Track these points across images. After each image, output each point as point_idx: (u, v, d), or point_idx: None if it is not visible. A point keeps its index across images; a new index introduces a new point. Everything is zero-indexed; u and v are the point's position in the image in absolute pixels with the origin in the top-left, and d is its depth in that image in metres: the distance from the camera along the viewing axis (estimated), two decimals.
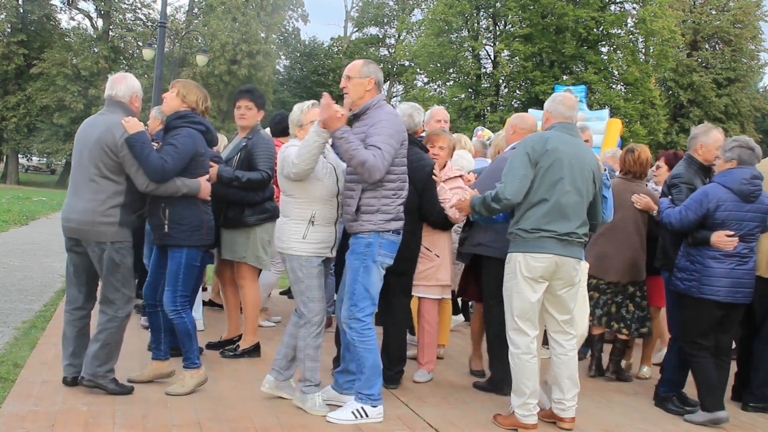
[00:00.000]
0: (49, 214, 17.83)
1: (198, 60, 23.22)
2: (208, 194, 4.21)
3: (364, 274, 3.94)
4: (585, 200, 3.99)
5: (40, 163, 58.90)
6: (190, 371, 4.19)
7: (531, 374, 3.93)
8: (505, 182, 3.91)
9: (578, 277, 4.03)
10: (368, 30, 45.94)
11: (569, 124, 4.07)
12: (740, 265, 4.33)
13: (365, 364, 3.95)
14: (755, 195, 4.35)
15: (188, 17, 42.55)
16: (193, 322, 4.22)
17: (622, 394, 5.03)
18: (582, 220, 3.97)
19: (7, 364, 4.57)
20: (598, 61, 29.22)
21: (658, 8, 28.76)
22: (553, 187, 3.88)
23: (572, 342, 4.06)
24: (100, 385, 4.07)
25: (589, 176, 3.98)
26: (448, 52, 30.49)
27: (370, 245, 3.94)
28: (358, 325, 3.94)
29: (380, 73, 4.07)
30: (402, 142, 3.98)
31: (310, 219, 4.00)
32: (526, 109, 20.58)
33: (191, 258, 4.16)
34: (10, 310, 6.33)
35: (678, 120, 34.18)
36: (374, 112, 3.96)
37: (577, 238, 3.93)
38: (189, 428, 3.67)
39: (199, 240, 4.17)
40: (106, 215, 4.00)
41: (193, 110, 4.22)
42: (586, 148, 4.12)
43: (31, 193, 27.16)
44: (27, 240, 12.17)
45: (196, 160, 4.14)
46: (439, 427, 3.98)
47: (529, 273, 3.88)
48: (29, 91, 36.54)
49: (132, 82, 4.26)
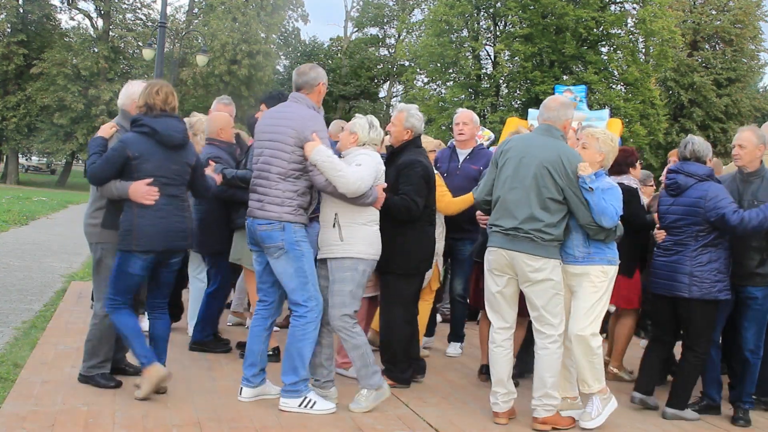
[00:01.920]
0: (49, 214, 17.79)
1: (198, 60, 23.23)
2: (139, 198, 3.98)
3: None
4: (533, 196, 4.00)
5: (40, 163, 58.93)
6: (143, 371, 4.08)
7: (495, 363, 4.18)
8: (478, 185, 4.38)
9: (540, 275, 4.00)
10: (368, 30, 45.94)
11: (545, 125, 4.18)
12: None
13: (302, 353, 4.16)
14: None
15: (188, 17, 42.56)
16: (130, 323, 4.08)
17: (622, 394, 5.01)
18: (528, 215, 3.98)
19: (7, 364, 4.57)
20: (598, 61, 29.20)
21: (658, 8, 28.73)
22: (503, 185, 4.12)
23: (546, 341, 4.06)
24: (88, 380, 4.20)
25: (540, 172, 3.99)
26: (448, 52, 30.49)
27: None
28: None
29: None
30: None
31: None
32: (526, 109, 20.55)
33: (122, 262, 4.05)
34: (10, 310, 6.33)
35: (678, 120, 34.17)
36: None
37: (523, 234, 3.98)
38: (189, 428, 3.67)
39: (129, 245, 4.00)
40: (92, 217, 4.27)
41: (148, 111, 4.07)
42: (545, 146, 4.07)
43: (31, 193, 27.15)
44: (27, 240, 12.17)
45: (129, 164, 4.03)
46: (439, 427, 3.98)
47: (487, 265, 4.20)
48: (29, 91, 36.51)
49: (130, 89, 4.38)
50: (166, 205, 4.05)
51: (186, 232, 4.17)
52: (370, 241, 4.19)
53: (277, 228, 3.96)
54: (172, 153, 4.09)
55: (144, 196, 3.98)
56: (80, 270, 8.95)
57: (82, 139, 35.17)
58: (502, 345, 4.17)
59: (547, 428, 4.07)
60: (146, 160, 4.02)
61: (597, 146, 4.15)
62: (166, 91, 4.11)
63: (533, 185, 3.99)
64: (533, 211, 3.99)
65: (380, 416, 4.08)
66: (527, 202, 4.00)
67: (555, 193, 3.99)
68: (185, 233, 4.16)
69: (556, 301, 4.06)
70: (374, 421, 3.99)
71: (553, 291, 4.06)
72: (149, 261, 4.05)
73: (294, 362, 4.01)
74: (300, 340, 4.00)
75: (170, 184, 4.08)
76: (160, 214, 4.03)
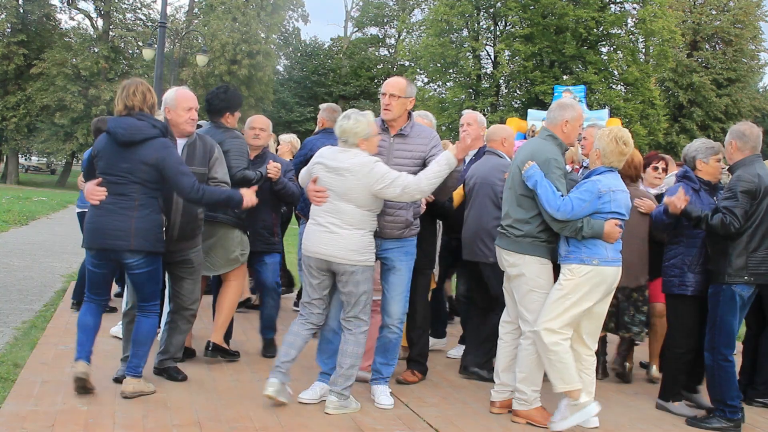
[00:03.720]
0: (49, 214, 17.80)
1: (198, 60, 23.24)
2: (87, 197, 4.07)
3: (408, 274, 4.40)
4: (511, 194, 4.23)
5: (40, 163, 58.92)
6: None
7: (497, 354, 4.41)
8: None
9: (514, 270, 4.15)
10: (368, 30, 45.96)
11: (542, 128, 4.40)
12: None
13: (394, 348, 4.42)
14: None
15: (188, 17, 42.57)
16: (82, 318, 4.11)
17: (622, 394, 5.03)
18: (506, 212, 4.25)
19: (7, 364, 4.56)
20: (598, 62, 29.19)
21: (658, 8, 28.73)
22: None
23: (520, 338, 4.21)
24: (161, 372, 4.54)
25: (514, 171, 4.23)
26: (449, 52, 30.49)
27: (414, 248, 4.43)
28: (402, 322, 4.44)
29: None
30: None
31: (376, 231, 4.25)
32: (526, 109, 20.57)
33: (86, 260, 4.22)
34: (10, 310, 6.33)
35: (678, 120, 34.18)
36: (417, 128, 4.40)
37: (502, 230, 4.26)
38: (189, 428, 3.67)
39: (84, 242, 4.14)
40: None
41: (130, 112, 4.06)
42: (526, 146, 4.30)
43: (31, 193, 27.15)
44: (27, 240, 12.17)
45: (93, 163, 4.19)
46: (439, 427, 3.99)
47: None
48: (29, 91, 36.50)
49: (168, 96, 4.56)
50: (109, 203, 3.97)
51: (125, 232, 3.93)
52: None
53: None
54: (123, 151, 3.97)
55: (89, 195, 4.04)
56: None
57: (82, 139, 35.16)
58: (503, 338, 4.37)
59: (520, 421, 4.15)
60: (101, 158, 4.06)
61: (595, 143, 4.18)
62: (142, 90, 4.08)
63: (511, 184, 4.25)
64: (509, 208, 4.23)
65: (380, 416, 4.08)
66: (508, 200, 4.27)
67: (524, 189, 4.13)
68: (124, 233, 3.93)
69: (530, 297, 4.11)
70: (374, 421, 3.99)
71: (526, 287, 4.12)
72: (96, 258, 4.06)
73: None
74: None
75: (118, 183, 3.97)
76: (100, 213, 3.98)
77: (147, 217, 3.99)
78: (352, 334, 4.13)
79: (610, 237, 3.98)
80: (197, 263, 4.51)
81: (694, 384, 4.79)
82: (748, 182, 4.28)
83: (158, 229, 4.05)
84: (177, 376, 4.47)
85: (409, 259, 4.39)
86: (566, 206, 3.94)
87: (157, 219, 4.05)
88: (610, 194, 3.99)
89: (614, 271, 4.06)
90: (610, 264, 4.02)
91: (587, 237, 3.96)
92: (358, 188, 4.02)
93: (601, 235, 3.97)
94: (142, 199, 3.99)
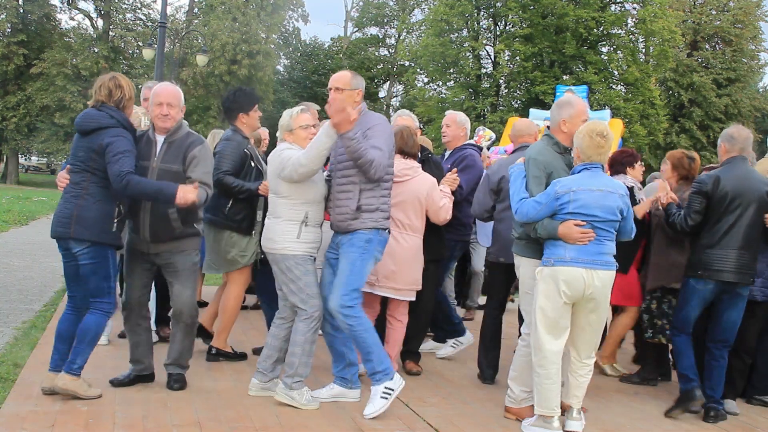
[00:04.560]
0: (49, 214, 17.79)
1: (198, 60, 23.22)
2: (58, 184, 4.14)
3: (360, 266, 4.11)
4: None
5: (40, 163, 58.91)
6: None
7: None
8: None
9: (518, 272, 4.28)
10: (368, 30, 45.98)
11: (545, 129, 4.43)
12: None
13: (368, 343, 4.08)
14: None
15: (188, 17, 42.56)
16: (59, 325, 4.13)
17: (622, 394, 5.03)
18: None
19: (7, 364, 4.57)
20: (598, 62, 29.21)
21: (658, 8, 28.75)
22: None
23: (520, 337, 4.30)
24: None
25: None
26: (449, 51, 30.51)
27: (370, 241, 4.13)
28: (351, 311, 4.06)
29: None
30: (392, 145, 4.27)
31: (303, 220, 4.16)
32: (526, 109, 20.56)
33: None
34: (10, 310, 6.33)
35: (678, 120, 34.18)
36: (363, 118, 4.19)
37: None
38: (189, 428, 3.67)
39: None
40: None
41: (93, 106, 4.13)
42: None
43: (31, 193, 27.16)
44: (27, 240, 12.17)
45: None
46: (439, 427, 3.98)
47: None
48: (29, 91, 36.52)
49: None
50: (65, 192, 4.04)
51: (68, 219, 3.93)
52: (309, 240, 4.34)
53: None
54: (81, 140, 4.04)
55: (57, 181, 4.17)
56: None
57: None
58: (520, 350, 4.26)
59: (511, 417, 4.21)
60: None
61: (574, 141, 4.07)
62: (108, 85, 4.11)
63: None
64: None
65: (380, 416, 4.06)
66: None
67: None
68: (66, 220, 3.93)
69: (525, 299, 4.20)
70: (374, 420, 3.98)
71: (522, 289, 4.24)
72: (59, 248, 4.07)
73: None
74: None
75: (74, 171, 4.02)
76: (59, 201, 4.04)
77: (92, 205, 3.93)
78: (300, 321, 4.16)
79: (567, 238, 3.84)
80: (182, 267, 4.25)
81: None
82: (699, 183, 4.53)
83: (104, 220, 3.96)
84: (173, 384, 4.31)
85: (354, 251, 4.12)
86: (522, 208, 3.94)
87: (104, 209, 3.96)
88: (570, 194, 3.85)
89: (571, 272, 3.82)
90: (567, 264, 3.84)
91: (544, 237, 3.95)
92: (272, 177, 4.25)
93: (556, 236, 3.88)
94: (92, 188, 3.95)
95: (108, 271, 4.03)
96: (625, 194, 4.01)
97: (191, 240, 4.30)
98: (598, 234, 3.86)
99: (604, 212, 3.86)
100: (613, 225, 3.92)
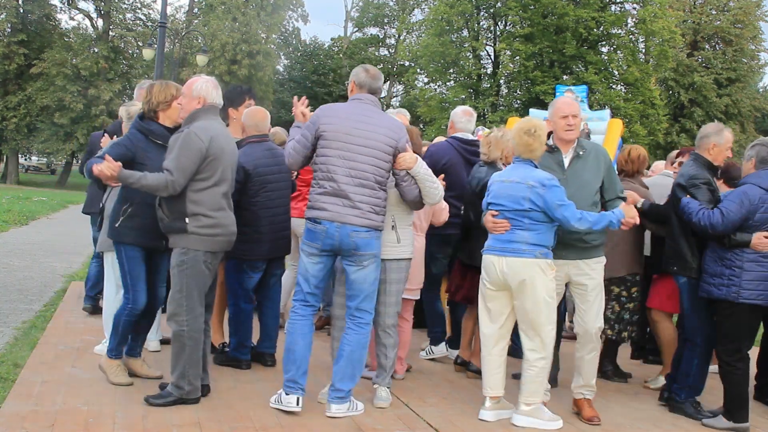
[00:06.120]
0: (49, 214, 17.80)
1: (198, 60, 23.20)
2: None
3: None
4: None
5: (40, 163, 58.92)
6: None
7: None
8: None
9: None
10: (368, 30, 45.95)
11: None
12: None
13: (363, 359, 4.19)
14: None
15: (188, 17, 42.57)
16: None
17: (622, 394, 5.03)
18: None
19: (7, 364, 4.57)
20: (598, 61, 29.19)
21: (659, 8, 28.74)
22: None
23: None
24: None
25: None
26: (449, 51, 30.51)
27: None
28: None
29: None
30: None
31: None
32: (526, 109, 20.56)
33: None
34: (10, 310, 6.33)
35: (679, 120, 34.18)
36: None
37: None
38: (189, 428, 3.67)
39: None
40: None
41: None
42: None
43: (31, 193, 27.15)
44: (27, 240, 12.17)
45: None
46: (439, 427, 3.98)
47: None
48: (29, 91, 36.50)
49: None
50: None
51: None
52: (412, 242, 4.47)
53: (374, 236, 4.01)
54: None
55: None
56: (80, 270, 8.94)
57: (82, 139, 35.14)
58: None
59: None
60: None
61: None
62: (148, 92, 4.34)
63: None
64: None
65: (380, 416, 4.07)
66: None
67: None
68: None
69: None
70: (374, 421, 3.98)
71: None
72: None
73: (355, 369, 4.08)
74: (364, 347, 4.11)
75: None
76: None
77: (114, 205, 4.34)
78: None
79: (487, 227, 4.18)
80: (170, 267, 4.03)
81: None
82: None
83: (112, 217, 4.28)
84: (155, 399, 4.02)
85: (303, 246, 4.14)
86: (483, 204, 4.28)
87: (114, 207, 4.30)
88: (490, 187, 4.21)
89: (487, 258, 4.14)
90: (485, 252, 4.19)
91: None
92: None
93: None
94: (117, 189, 4.39)
95: (123, 267, 4.24)
96: (540, 186, 3.97)
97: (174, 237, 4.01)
98: (510, 223, 4.06)
99: (510, 202, 4.05)
100: (523, 214, 4.01)
